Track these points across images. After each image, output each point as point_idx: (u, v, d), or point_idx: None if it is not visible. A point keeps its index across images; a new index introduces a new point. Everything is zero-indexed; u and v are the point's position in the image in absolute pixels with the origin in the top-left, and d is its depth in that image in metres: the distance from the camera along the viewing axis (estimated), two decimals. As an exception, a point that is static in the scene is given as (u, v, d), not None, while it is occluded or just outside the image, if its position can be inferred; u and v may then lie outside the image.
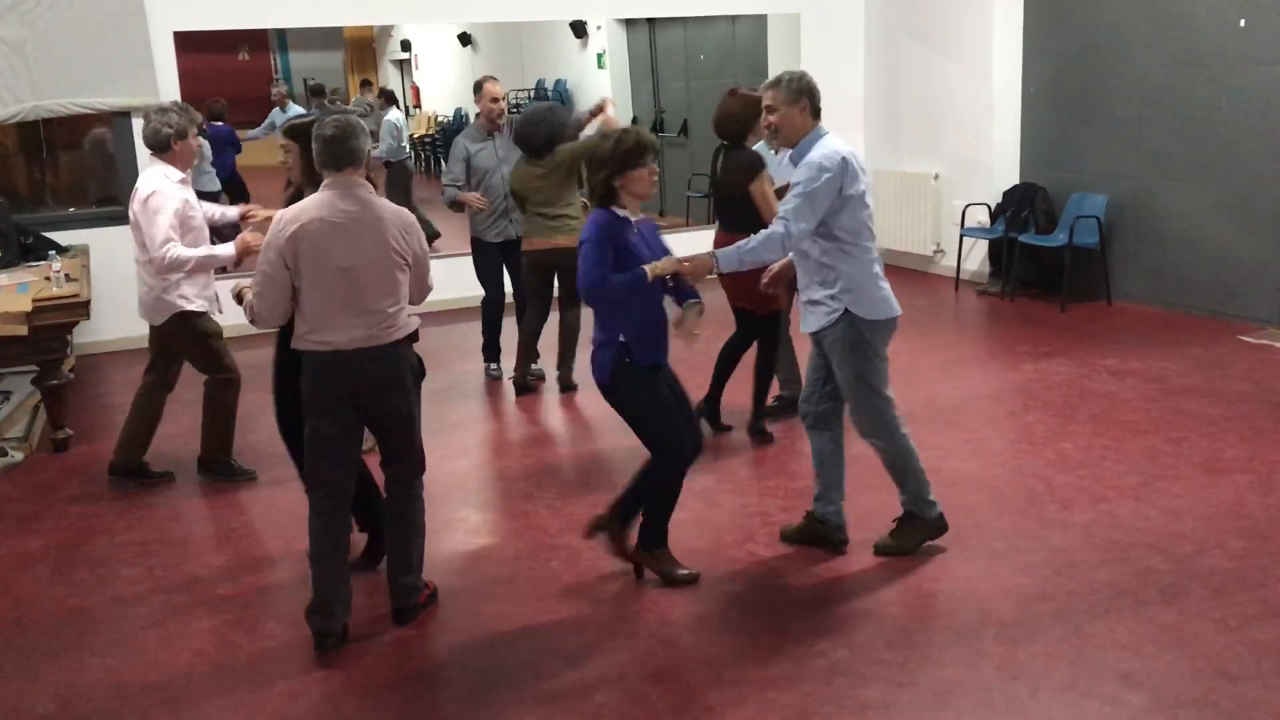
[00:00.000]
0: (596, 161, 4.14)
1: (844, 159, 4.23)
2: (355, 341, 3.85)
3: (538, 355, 7.05)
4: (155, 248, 5.14)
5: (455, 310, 8.69)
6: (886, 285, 4.41)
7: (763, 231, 4.28)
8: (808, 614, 4.09)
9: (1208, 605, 4.01)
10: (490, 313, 7.31)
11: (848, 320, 4.31)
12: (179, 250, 5.16)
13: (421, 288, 4.09)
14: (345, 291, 3.83)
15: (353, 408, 3.93)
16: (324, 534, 3.98)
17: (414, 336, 4.06)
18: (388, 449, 4.07)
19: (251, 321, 4.02)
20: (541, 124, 6.54)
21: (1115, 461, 5.43)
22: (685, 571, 4.37)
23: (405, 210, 3.98)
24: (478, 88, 7.03)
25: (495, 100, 6.93)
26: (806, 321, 4.46)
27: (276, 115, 12.45)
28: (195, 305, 5.38)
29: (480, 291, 7.23)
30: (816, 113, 4.38)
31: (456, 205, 6.95)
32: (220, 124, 10.99)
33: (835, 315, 4.33)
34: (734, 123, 5.77)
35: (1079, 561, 4.39)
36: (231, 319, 5.21)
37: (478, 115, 7.07)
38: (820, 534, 4.61)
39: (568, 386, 6.94)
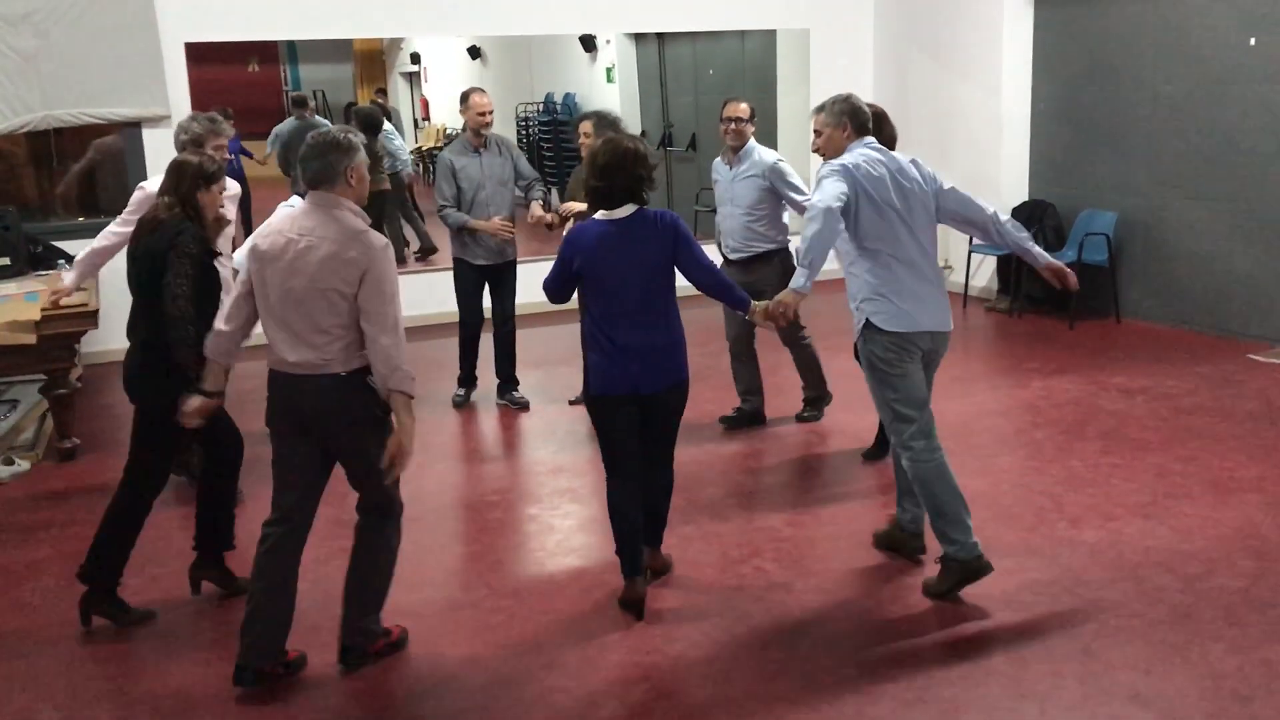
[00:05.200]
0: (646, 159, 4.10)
1: (868, 164, 4.30)
2: (299, 366, 3.64)
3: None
4: None
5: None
6: (920, 299, 4.34)
7: (803, 227, 4.28)
8: (815, 631, 4.07)
9: (1218, 625, 3.98)
10: (468, 336, 6.96)
11: (869, 333, 4.34)
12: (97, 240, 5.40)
13: (380, 329, 3.56)
14: (288, 311, 3.62)
15: (302, 433, 3.72)
16: (262, 563, 3.78)
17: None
18: (352, 484, 3.84)
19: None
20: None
21: (1124, 480, 5.40)
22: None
23: (377, 235, 3.66)
24: (464, 99, 6.73)
25: (483, 114, 6.64)
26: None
27: (283, 127, 12.49)
28: None
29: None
30: (861, 129, 4.47)
31: (468, 231, 6.62)
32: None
33: (859, 326, 4.39)
34: None
35: (1088, 580, 4.37)
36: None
37: (463, 129, 6.80)
38: (897, 540, 4.64)
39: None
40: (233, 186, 5.19)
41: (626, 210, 4.04)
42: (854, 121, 4.46)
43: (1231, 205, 7.94)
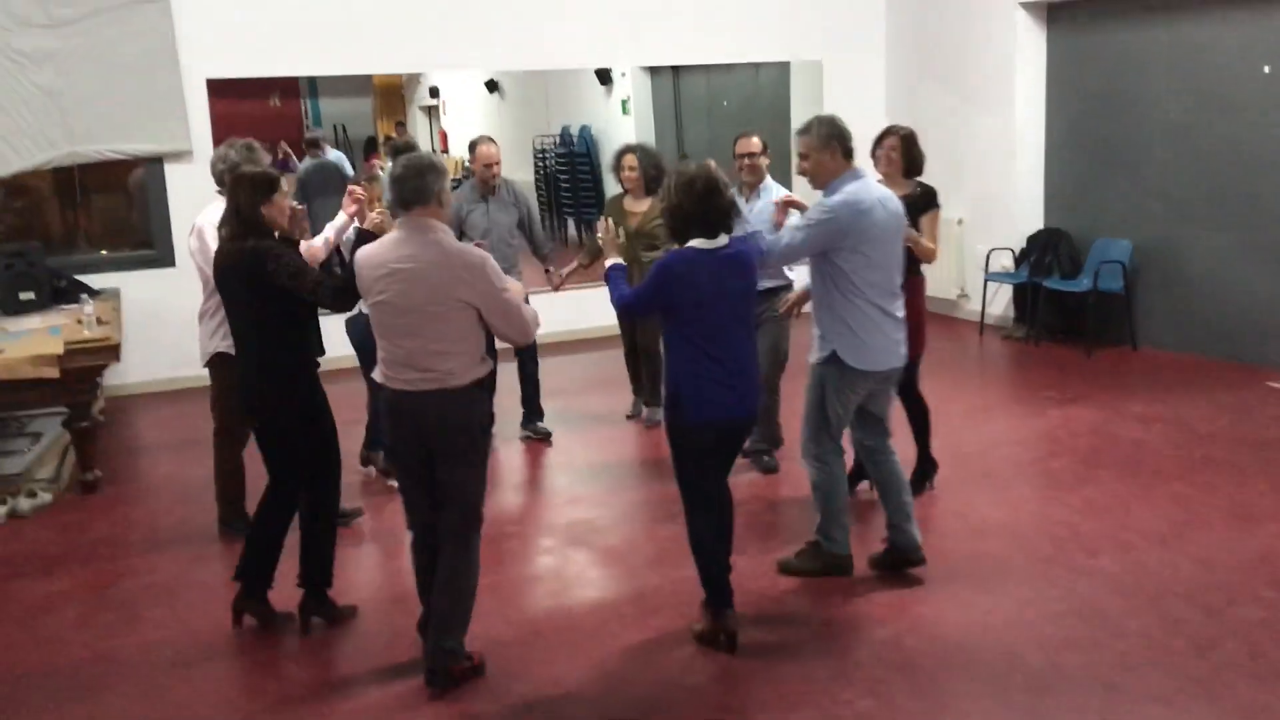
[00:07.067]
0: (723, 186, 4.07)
1: (863, 210, 4.34)
2: (416, 383, 3.82)
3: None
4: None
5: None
6: (885, 337, 4.48)
7: (751, 236, 4.37)
8: (833, 661, 4.06)
9: (1240, 657, 3.96)
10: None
11: (833, 362, 4.48)
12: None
13: (507, 325, 3.89)
14: (404, 335, 3.79)
15: (421, 453, 3.91)
16: (415, 563, 4.08)
17: (487, 382, 3.96)
18: (441, 494, 3.93)
19: None
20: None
21: (1143, 508, 5.38)
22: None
23: (472, 250, 3.88)
24: (472, 148, 6.70)
25: (489, 165, 6.59)
26: (811, 352, 4.62)
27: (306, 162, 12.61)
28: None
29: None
30: (849, 154, 4.47)
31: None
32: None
33: (824, 355, 4.50)
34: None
35: (1107, 610, 4.35)
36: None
37: (470, 175, 6.78)
38: (895, 561, 4.73)
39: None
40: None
41: (722, 240, 4.04)
42: (842, 145, 4.45)
43: (1247, 233, 7.93)
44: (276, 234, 4.29)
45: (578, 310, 9.09)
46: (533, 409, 7.01)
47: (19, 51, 7.84)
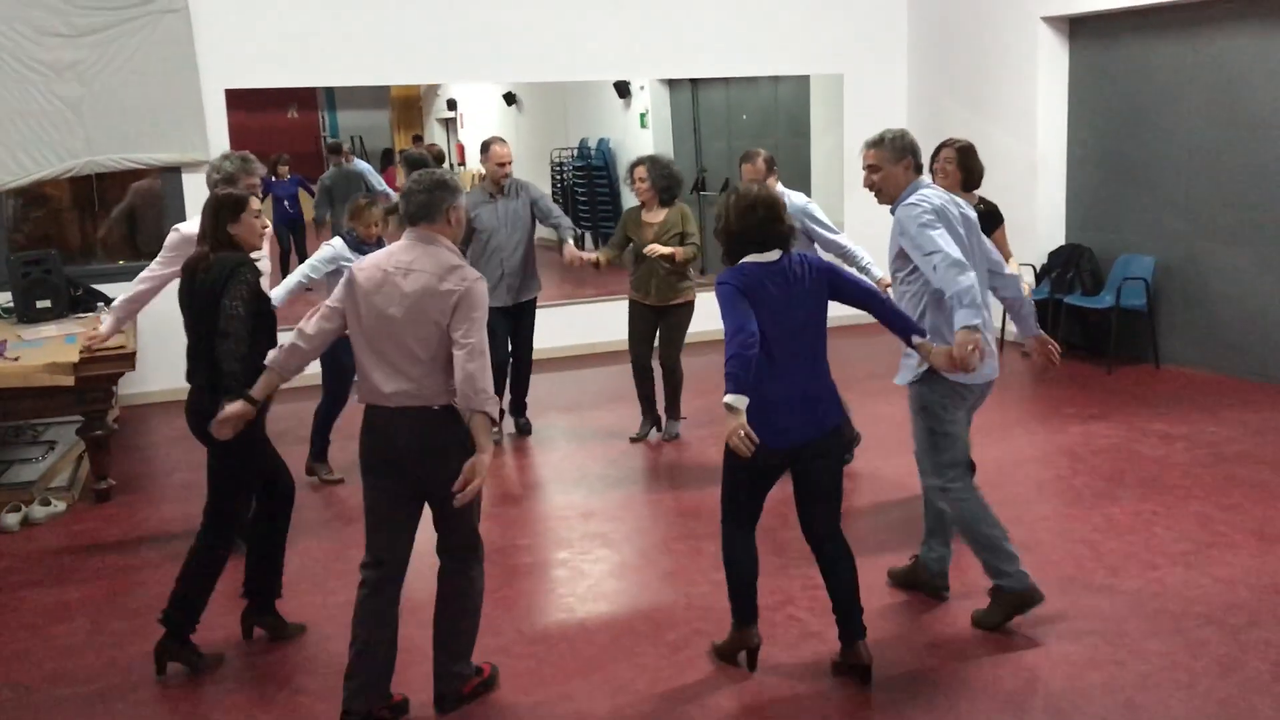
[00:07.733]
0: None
1: (938, 205, 4.18)
2: (394, 399, 3.64)
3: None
4: None
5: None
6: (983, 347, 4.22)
7: (949, 282, 4.01)
8: (851, 685, 4.00)
9: (1265, 680, 3.89)
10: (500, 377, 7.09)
11: (929, 378, 4.25)
12: (135, 284, 5.45)
13: (462, 359, 3.56)
14: (385, 342, 3.65)
15: (395, 471, 3.72)
16: (360, 609, 3.77)
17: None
18: (437, 524, 3.80)
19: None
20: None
21: (1165, 528, 5.31)
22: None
23: (469, 267, 3.71)
24: (485, 148, 6.91)
25: (502, 164, 6.82)
26: (900, 374, 4.41)
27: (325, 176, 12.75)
28: None
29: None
30: (919, 170, 4.35)
31: None
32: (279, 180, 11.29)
33: (920, 372, 4.28)
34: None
35: (1129, 630, 4.28)
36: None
37: (483, 176, 6.99)
38: (919, 580, 4.63)
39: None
40: None
41: (774, 254, 3.88)
42: (915, 158, 4.32)
43: (1272, 249, 7.84)
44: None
45: (592, 325, 9.07)
46: (519, 404, 7.29)
47: (40, 61, 7.89)
